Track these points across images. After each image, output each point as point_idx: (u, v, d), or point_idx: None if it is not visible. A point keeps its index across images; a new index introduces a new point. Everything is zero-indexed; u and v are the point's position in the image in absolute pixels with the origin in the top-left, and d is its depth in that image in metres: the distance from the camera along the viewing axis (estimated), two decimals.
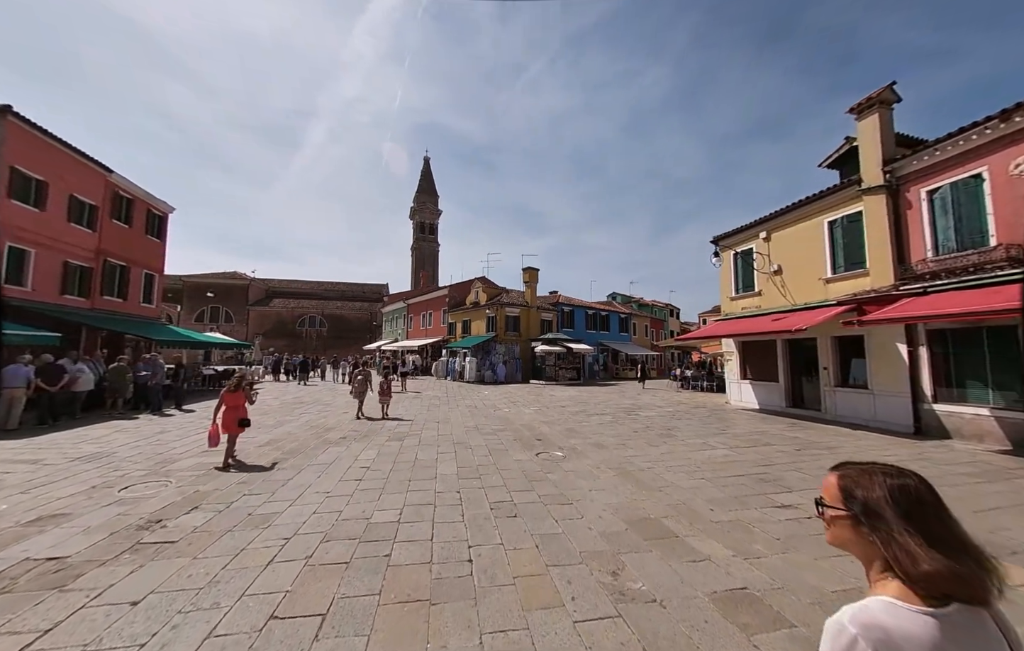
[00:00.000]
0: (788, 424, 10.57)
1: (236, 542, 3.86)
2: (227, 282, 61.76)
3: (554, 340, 25.49)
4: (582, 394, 18.48)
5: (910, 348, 9.42)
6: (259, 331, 60.45)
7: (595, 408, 13.67)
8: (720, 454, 7.41)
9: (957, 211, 8.76)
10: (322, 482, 5.63)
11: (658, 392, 20.35)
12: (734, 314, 14.75)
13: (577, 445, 8.03)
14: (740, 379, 14.43)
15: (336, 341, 60.99)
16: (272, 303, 63.60)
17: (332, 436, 8.61)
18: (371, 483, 5.58)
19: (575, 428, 9.86)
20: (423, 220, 77.13)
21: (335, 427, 9.66)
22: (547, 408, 13.56)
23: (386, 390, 11.50)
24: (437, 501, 4.93)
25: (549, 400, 15.91)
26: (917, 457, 7.23)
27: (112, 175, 16.54)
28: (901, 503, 0.82)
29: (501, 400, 15.82)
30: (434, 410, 12.91)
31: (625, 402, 15.57)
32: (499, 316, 27.43)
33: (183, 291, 60.55)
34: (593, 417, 11.64)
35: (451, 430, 9.54)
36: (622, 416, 11.88)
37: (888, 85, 10.03)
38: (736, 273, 14.87)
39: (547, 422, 10.75)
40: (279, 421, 10.40)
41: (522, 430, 9.61)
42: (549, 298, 34.17)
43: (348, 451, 7.34)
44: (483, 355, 25.96)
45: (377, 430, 9.38)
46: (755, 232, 13.92)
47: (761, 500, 5.12)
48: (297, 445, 7.80)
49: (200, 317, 60.45)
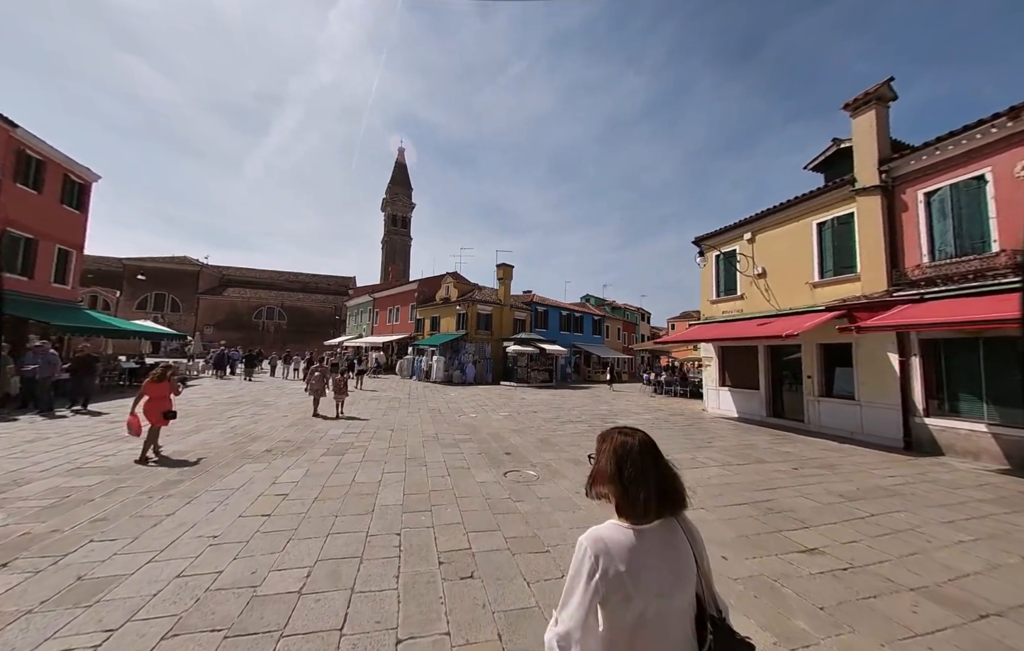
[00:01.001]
0: (773, 436, 9.90)
1: (24, 641, 2.42)
2: (175, 267, 57.10)
3: (527, 340, 24.43)
4: (555, 398, 17.46)
5: (902, 358, 8.92)
6: (209, 322, 56.09)
7: (569, 414, 12.63)
8: (714, 474, 6.47)
9: (957, 214, 8.29)
10: (215, 519, 4.17)
11: (631, 396, 19.66)
12: (715, 318, 14.14)
13: (552, 461, 6.89)
14: (719, 386, 13.82)
15: (296, 335, 57.51)
16: (226, 292, 59.28)
17: (256, 448, 7.05)
18: (282, 521, 4.17)
19: (549, 439, 8.74)
20: (395, 212, 74.37)
21: (264, 435, 8.07)
22: (518, 414, 12.40)
23: (342, 388, 10.80)
24: (366, 551, 3.62)
25: (520, 404, 14.76)
26: (920, 477, 6.57)
27: (17, 130, 13.94)
28: (619, 455, 1.18)
29: (468, 403, 14.52)
30: (391, 414, 11.44)
31: (601, 408, 14.65)
32: (470, 313, 26.07)
33: (124, 275, 55.42)
34: (568, 425, 10.57)
35: (406, 439, 8.18)
36: (599, 424, 10.88)
37: (886, 81, 9.54)
38: (718, 275, 14.27)
39: (518, 431, 9.57)
40: (197, 427, 8.66)
41: (489, 441, 8.37)
42: (523, 297, 33.15)
43: (268, 469, 5.85)
44: (452, 354, 24.51)
45: (315, 440, 7.87)
46: (739, 233, 13.34)
47: (778, 541, 4.13)
48: (207, 460, 6.22)
49: (143, 304, 55.50)
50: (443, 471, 6.13)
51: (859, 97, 9.86)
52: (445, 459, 6.84)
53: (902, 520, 4.74)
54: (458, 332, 26.05)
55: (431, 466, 6.39)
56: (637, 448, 1.18)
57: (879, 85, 9.58)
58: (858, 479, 6.39)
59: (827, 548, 4.01)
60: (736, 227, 13.39)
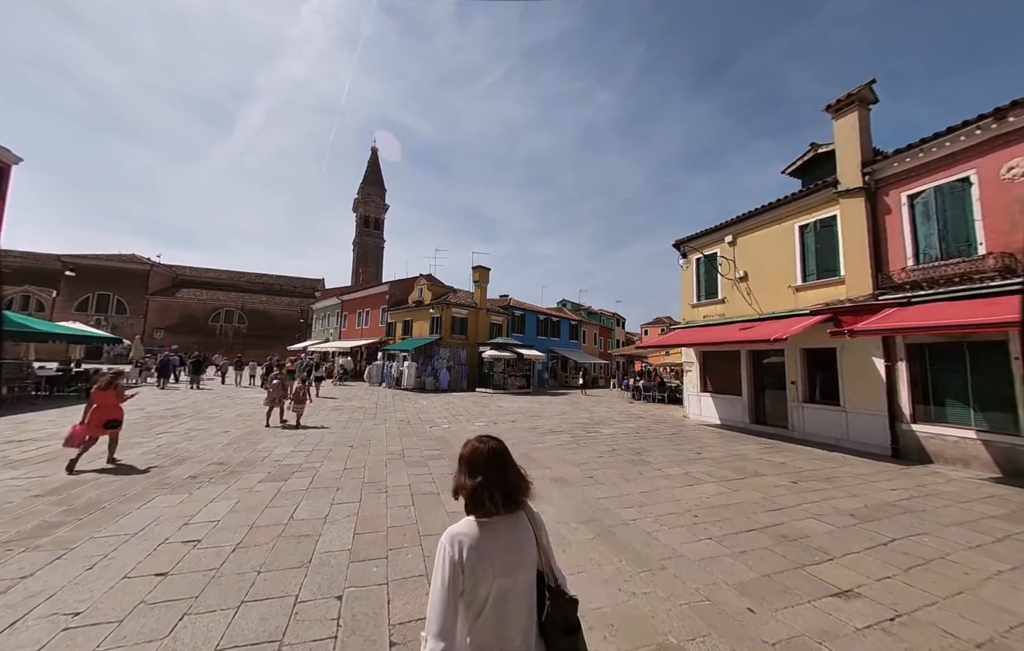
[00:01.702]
0: (760, 444, 9.50)
1: None
2: (121, 266, 52.84)
3: (504, 345, 23.60)
4: (534, 405, 16.69)
5: (887, 363, 8.72)
6: (160, 325, 52.05)
7: (549, 423, 11.88)
8: (711, 491, 5.85)
9: (942, 217, 8.17)
10: (87, 583, 3.08)
11: (611, 403, 19.19)
12: (695, 322, 13.82)
13: (535, 482, 6.06)
14: (700, 392, 13.48)
15: (258, 340, 54.31)
16: (179, 293, 55.38)
17: (178, 474, 5.84)
18: (181, 584, 3.13)
19: (530, 453, 7.92)
20: (367, 213, 72.12)
21: (194, 456, 6.82)
22: (495, 424, 11.52)
23: (301, 397, 10.14)
24: (290, 630, 2.66)
25: (497, 413, 13.89)
26: (921, 490, 6.21)
27: None
28: (470, 460, 1.38)
29: (441, 413, 13.51)
30: (353, 427, 10.30)
31: (581, 416, 13.99)
32: (445, 317, 24.99)
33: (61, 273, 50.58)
34: (549, 437, 9.79)
35: (366, 459, 7.14)
36: (582, 434, 10.18)
37: (867, 83, 9.44)
38: (699, 279, 13.99)
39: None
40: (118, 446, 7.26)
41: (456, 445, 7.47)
42: (500, 301, 32.36)
43: (185, 504, 4.72)
44: (424, 359, 23.34)
45: (256, 461, 6.71)
46: (720, 236, 13.09)
47: (806, 581, 3.48)
48: (108, 492, 5.00)
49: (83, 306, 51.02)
50: (407, 500, 5.19)
51: (842, 99, 9.73)
52: (411, 482, 5.89)
53: (928, 547, 4.22)
54: (432, 336, 24.89)
55: (393, 492, 5.42)
56: (485, 453, 1.39)
57: (861, 87, 9.47)
58: (862, 494, 5.93)
59: (862, 589, 3.39)
60: (717, 230, 13.14)
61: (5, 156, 15.23)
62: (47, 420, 9.65)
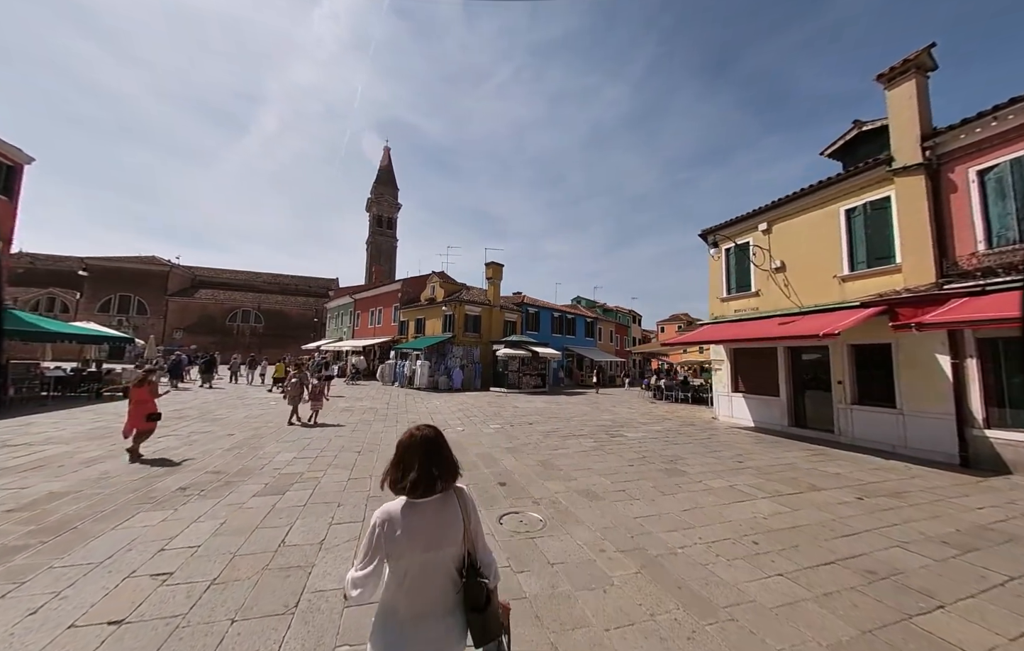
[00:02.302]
0: (806, 451, 8.59)
1: None
2: (142, 267, 53.95)
3: (518, 343, 22.91)
4: (551, 406, 15.97)
5: (955, 360, 7.72)
6: (179, 325, 53.00)
7: (570, 426, 11.15)
8: (766, 510, 5.05)
9: (1021, 194, 7.14)
10: (20, 637, 2.51)
11: (632, 403, 18.31)
12: (725, 317, 12.89)
13: (560, 495, 5.37)
14: (731, 392, 12.55)
15: (274, 339, 54.87)
16: (197, 294, 56.33)
17: (167, 484, 5.32)
18: (136, 635, 2.53)
19: (551, 461, 7.22)
20: (380, 213, 72.22)
21: (189, 463, 6.33)
22: (511, 426, 10.85)
23: (318, 395, 10.56)
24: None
25: (513, 414, 13.22)
26: (1011, 507, 5.28)
27: None
28: (402, 446, 1.53)
29: (455, 414, 12.91)
30: (363, 430, 9.75)
31: (603, 417, 13.21)
32: (458, 314, 24.43)
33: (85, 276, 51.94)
34: (571, 441, 9.07)
35: (373, 467, 6.55)
36: (605, 439, 9.42)
37: (926, 48, 8.41)
38: (728, 270, 13.04)
39: (513, 449, 8.03)
40: (110, 451, 6.84)
41: (479, 465, 6.81)
42: (513, 298, 31.66)
43: (167, 523, 4.17)
44: (438, 358, 22.82)
45: (254, 469, 6.18)
46: (753, 224, 12.13)
47: (924, 643, 2.70)
48: (87, 507, 4.49)
49: (106, 307, 52.37)
50: None
51: (897, 66, 8.71)
52: None
53: None
54: (444, 334, 24.37)
55: None
56: (418, 440, 1.54)
57: (919, 52, 8.45)
58: (945, 514, 5.05)
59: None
60: (750, 217, 12.18)
61: (17, 156, 15.20)
62: (50, 422, 9.38)
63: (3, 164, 14.81)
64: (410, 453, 1.50)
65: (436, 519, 1.49)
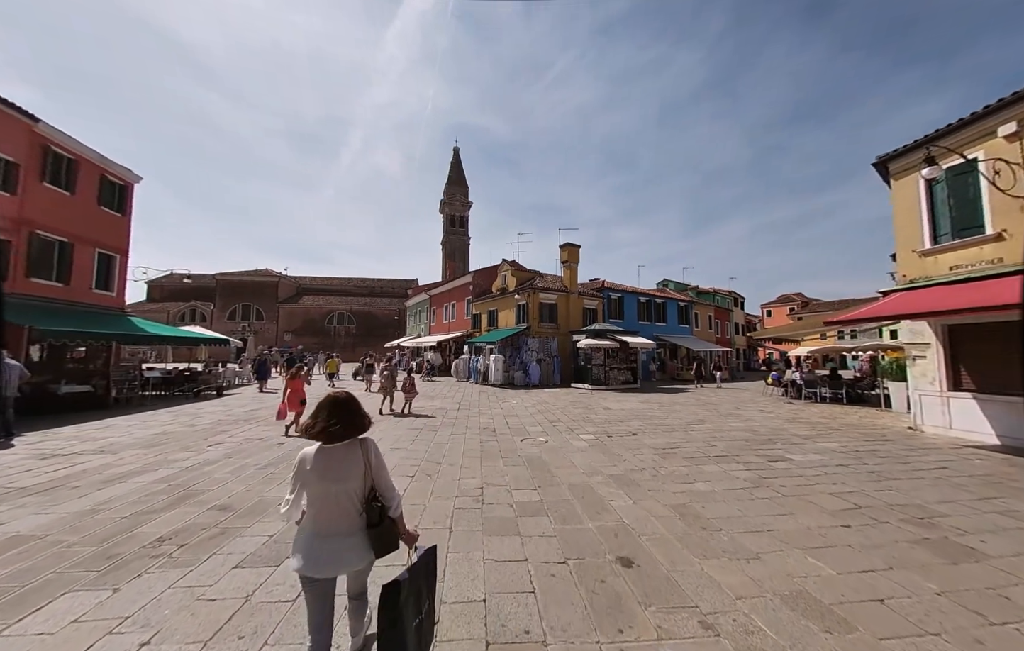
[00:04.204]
0: None
1: None
2: (258, 279, 61.17)
3: (603, 332, 19.92)
4: (650, 407, 12.91)
5: None
6: (288, 328, 59.20)
7: (691, 439, 8.18)
8: None
9: None
10: None
11: (757, 403, 14.30)
12: (932, 278, 8.66)
13: (747, 605, 2.72)
14: (947, 390, 8.36)
15: (365, 338, 58.52)
16: (301, 300, 62.44)
17: (148, 533, 3.80)
18: None
19: (692, 508, 4.50)
20: (452, 213, 73.34)
21: (200, 493, 4.91)
22: (609, 437, 8.25)
23: (409, 387, 11.31)
24: None
25: (606, 418, 10.55)
26: None
27: (39, 125, 13.03)
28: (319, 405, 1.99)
29: (533, 416, 10.66)
30: (422, 441, 7.94)
31: (732, 425, 9.87)
32: (532, 304, 22.23)
33: (216, 289, 60.65)
34: (707, 467, 6.19)
35: (423, 509, 4.51)
36: (761, 465, 6.34)
37: None
38: (934, 208, 8.74)
39: (622, 480, 5.46)
40: (124, 474, 5.80)
41: (575, 510, 4.40)
42: (592, 284, 28.54)
43: (83, 621, 2.49)
44: (512, 352, 20.89)
45: (268, 507, 4.51)
46: (988, 127, 7.78)
47: None
48: (15, 571, 3.07)
49: (232, 315, 60.25)
50: (478, 627, 2.32)
51: None
52: (487, 576, 3.03)
53: None
54: (518, 326, 22.38)
55: (454, 611, 2.60)
56: (327, 401, 2.00)
57: None
58: None
59: None
60: (981, 118, 7.84)
61: (127, 175, 16.56)
62: (127, 424, 9.19)
63: (116, 183, 16.14)
64: (321, 411, 1.96)
65: (341, 460, 1.93)
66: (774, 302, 59.79)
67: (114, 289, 16.14)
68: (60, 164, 13.90)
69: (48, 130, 13.29)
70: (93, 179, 15.11)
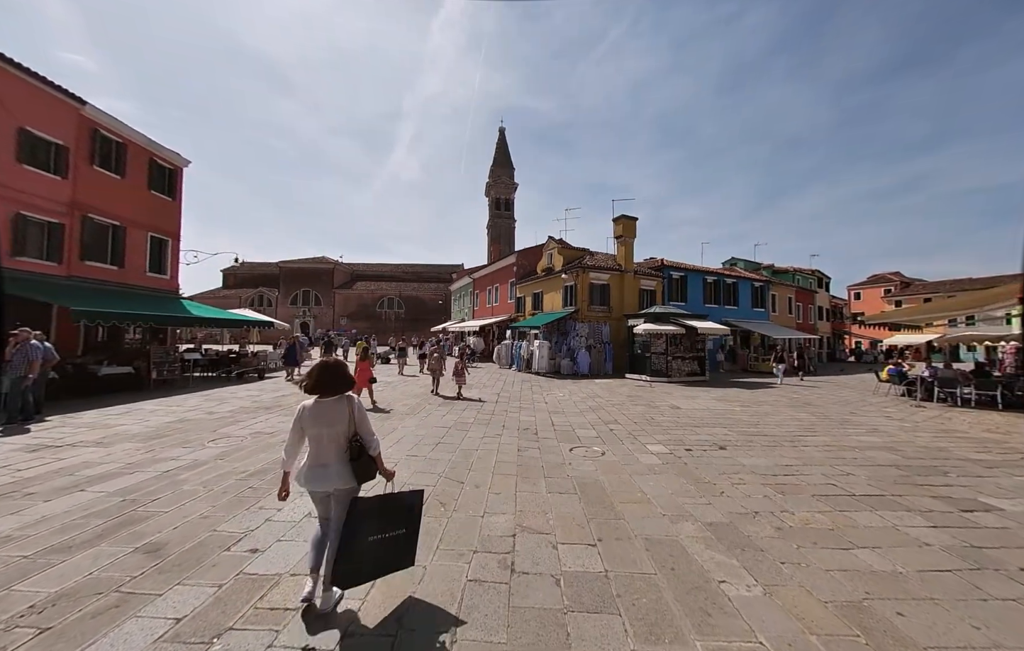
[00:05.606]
0: None
1: None
2: (315, 266, 64.04)
3: (664, 316, 17.40)
4: (731, 406, 10.55)
5: None
6: (343, 313, 61.62)
7: (805, 457, 5.96)
8: None
9: None
10: None
11: (872, 403, 11.30)
12: None
13: None
14: None
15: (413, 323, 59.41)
16: (355, 286, 64.58)
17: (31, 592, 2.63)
18: None
19: (877, 611, 2.54)
20: (498, 195, 71.72)
21: (157, 514, 3.76)
22: (688, 451, 6.26)
23: (460, 371, 11.49)
24: None
25: (676, 422, 8.48)
26: None
27: (85, 108, 13.13)
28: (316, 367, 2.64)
29: (584, 416, 8.86)
30: (447, 445, 6.47)
31: (860, 438, 7.40)
32: (581, 284, 20.13)
33: (279, 276, 64.48)
34: (858, 515, 4.08)
35: (426, 568, 2.97)
36: (941, 509, 4.11)
37: None
38: None
39: (737, 541, 3.56)
40: (139, 461, 4.89)
41: (667, 606, 2.61)
42: (648, 263, 25.66)
43: None
44: (559, 337, 19.06)
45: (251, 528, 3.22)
46: None
47: None
48: None
49: (294, 300, 63.68)
50: None
51: None
52: None
53: None
54: (566, 309, 20.43)
55: None
56: (322, 366, 2.62)
57: None
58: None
59: None
60: None
61: (176, 160, 16.72)
62: (152, 409, 8.76)
63: (165, 167, 16.29)
64: (317, 373, 2.56)
65: (332, 410, 2.53)
66: (864, 283, 51.94)
67: (167, 272, 16.47)
68: (109, 147, 14.05)
69: (95, 113, 13.38)
70: (142, 163, 15.28)
